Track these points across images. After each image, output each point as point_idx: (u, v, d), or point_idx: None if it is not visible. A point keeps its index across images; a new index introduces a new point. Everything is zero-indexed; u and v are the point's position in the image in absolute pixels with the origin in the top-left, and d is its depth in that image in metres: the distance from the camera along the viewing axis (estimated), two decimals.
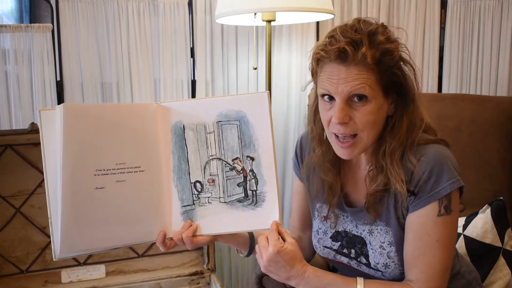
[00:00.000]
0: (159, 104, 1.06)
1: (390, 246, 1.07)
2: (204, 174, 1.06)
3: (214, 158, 1.05)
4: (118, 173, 1.00)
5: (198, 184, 1.06)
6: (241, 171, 1.05)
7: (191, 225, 1.05)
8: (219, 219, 1.05)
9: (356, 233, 1.12)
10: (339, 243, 1.16)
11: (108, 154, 1.00)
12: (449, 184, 1.01)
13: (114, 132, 1.00)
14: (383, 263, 1.08)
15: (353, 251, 1.13)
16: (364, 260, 1.12)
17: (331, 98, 1.01)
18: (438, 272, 1.03)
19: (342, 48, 0.96)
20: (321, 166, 1.14)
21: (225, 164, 1.05)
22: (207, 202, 1.06)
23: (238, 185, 1.05)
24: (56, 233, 0.96)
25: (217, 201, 1.05)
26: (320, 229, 1.19)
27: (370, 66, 0.97)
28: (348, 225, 1.14)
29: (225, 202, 1.05)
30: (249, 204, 1.05)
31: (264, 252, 1.01)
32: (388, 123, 1.06)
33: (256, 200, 1.04)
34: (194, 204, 1.06)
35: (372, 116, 1.00)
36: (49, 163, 0.97)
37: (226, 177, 1.05)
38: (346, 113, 0.99)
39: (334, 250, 1.17)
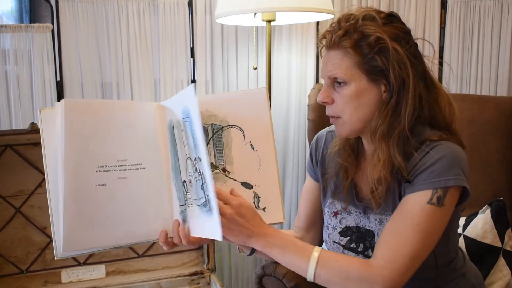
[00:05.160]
0: (159, 103, 1.04)
1: None
2: (187, 173, 0.99)
3: (188, 158, 0.98)
4: (119, 169, 0.99)
5: (185, 184, 0.99)
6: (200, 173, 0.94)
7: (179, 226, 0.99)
8: (200, 223, 0.96)
9: (368, 228, 1.12)
10: (348, 238, 1.15)
11: (109, 150, 0.98)
12: (450, 179, 0.98)
13: (114, 128, 0.99)
14: None
15: (361, 245, 1.13)
16: (371, 253, 1.11)
17: None
18: (406, 256, 0.97)
19: (323, 34, 1.04)
20: (341, 150, 1.16)
21: (192, 164, 0.96)
22: (191, 204, 0.98)
23: (201, 187, 0.94)
24: (58, 231, 0.95)
25: (195, 203, 0.97)
26: (329, 224, 1.19)
27: (348, 50, 1.00)
28: (361, 221, 1.13)
29: (198, 205, 0.96)
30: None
31: (226, 208, 0.94)
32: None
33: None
34: (185, 204, 1.00)
35: (351, 99, 1.02)
36: (50, 162, 0.96)
37: (195, 178, 0.96)
38: (327, 94, 1.04)
39: (342, 245, 1.17)
